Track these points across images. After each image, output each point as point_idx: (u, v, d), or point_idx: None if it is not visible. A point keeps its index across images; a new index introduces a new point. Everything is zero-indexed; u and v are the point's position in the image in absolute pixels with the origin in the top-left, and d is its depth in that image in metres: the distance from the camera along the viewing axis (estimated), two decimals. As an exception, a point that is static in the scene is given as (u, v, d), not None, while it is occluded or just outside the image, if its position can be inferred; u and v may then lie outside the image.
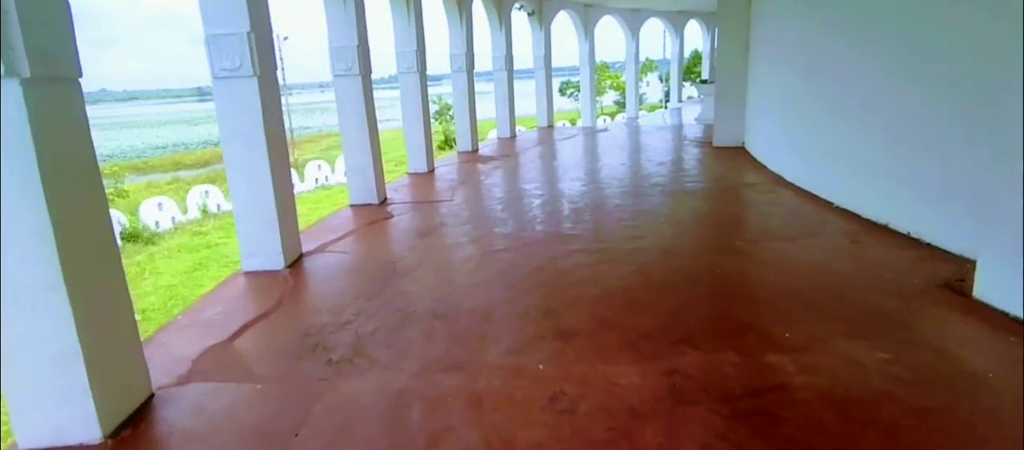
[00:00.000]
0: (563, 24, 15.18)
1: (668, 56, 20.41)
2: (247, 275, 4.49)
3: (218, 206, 18.71)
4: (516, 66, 12.38)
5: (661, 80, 43.92)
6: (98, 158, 2.44)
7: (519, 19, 13.21)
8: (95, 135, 2.44)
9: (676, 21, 19.38)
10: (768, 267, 4.01)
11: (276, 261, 4.52)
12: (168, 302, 9.36)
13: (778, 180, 6.67)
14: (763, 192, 6.21)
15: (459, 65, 10.15)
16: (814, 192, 5.76)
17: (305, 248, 4.97)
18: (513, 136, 12.43)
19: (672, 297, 3.60)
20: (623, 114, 32.06)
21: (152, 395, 2.74)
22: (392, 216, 6.14)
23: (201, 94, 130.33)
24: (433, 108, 29.08)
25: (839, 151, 5.28)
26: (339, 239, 5.31)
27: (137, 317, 9.19)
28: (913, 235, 4.26)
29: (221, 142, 4.42)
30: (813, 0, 5.90)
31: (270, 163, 4.36)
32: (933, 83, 4.01)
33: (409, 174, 8.49)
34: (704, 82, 14.29)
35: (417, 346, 3.16)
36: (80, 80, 2.35)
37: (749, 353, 2.81)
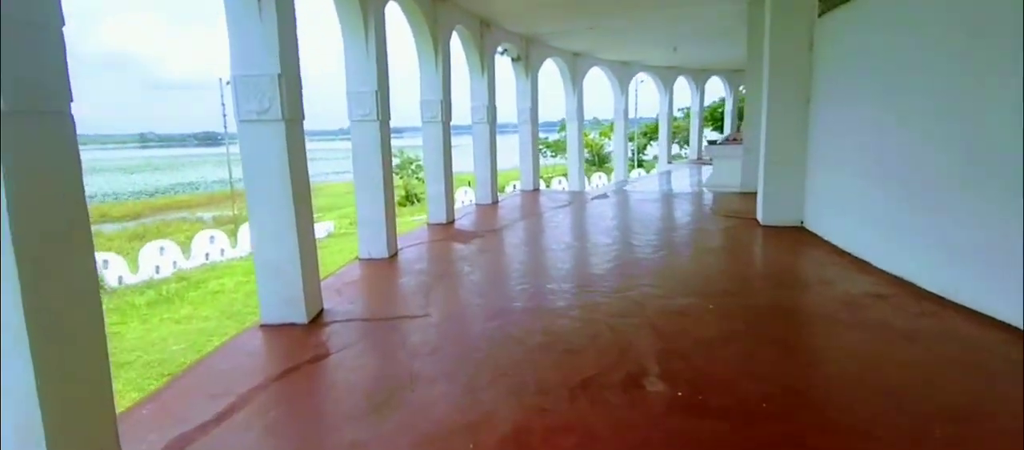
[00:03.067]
0: (543, 76, 13.33)
1: (643, 113, 18.97)
2: None
3: (120, 278, 15.83)
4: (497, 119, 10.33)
5: (630, 139, 43.09)
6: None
7: (502, 66, 11.26)
8: None
9: (666, 77, 17.95)
10: None
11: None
12: None
13: (905, 287, 4.58)
14: (910, 314, 4.05)
15: (432, 114, 7.96)
16: (1011, 323, 3.64)
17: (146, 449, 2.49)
18: (495, 202, 10.21)
19: None
20: (601, 174, 30.54)
21: None
22: (329, 352, 3.71)
23: (143, 140, 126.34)
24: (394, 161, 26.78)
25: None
26: (219, 420, 2.84)
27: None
28: None
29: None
30: (979, 34, 3.96)
31: (23, 316, 1.94)
32: None
33: (361, 261, 6.08)
34: (713, 143, 12.55)
35: None
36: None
37: None
